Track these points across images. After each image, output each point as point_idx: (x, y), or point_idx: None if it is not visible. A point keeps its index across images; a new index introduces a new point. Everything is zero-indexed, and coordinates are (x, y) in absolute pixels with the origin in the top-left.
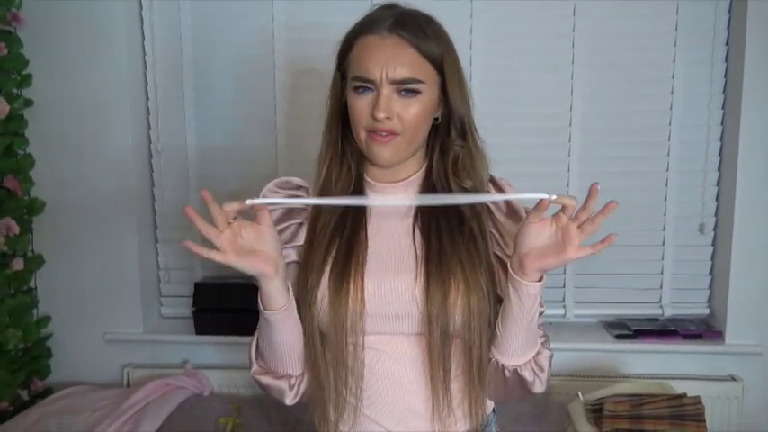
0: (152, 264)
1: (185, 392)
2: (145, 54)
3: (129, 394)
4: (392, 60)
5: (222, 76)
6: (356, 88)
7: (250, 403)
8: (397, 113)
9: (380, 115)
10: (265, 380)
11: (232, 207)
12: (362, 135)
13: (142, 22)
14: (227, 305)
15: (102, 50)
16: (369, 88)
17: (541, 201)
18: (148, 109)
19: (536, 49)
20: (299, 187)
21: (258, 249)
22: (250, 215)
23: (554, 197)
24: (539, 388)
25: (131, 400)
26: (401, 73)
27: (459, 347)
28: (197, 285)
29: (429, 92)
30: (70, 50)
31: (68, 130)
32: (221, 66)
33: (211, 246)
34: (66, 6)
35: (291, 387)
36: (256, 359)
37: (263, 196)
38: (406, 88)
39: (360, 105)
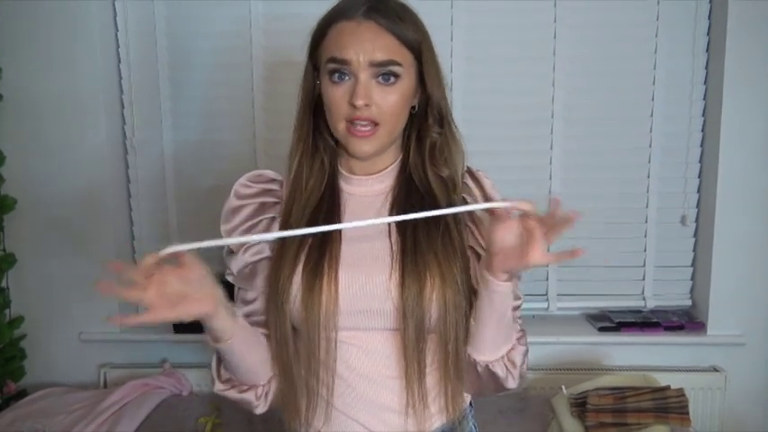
0: (128, 261)
1: (164, 392)
2: (118, 47)
3: (105, 395)
4: (369, 43)
5: (198, 69)
6: (332, 74)
7: (230, 403)
8: (376, 101)
9: (359, 102)
10: (231, 394)
11: (147, 263)
12: (341, 126)
13: (115, 14)
14: None
15: (75, 43)
16: (345, 74)
17: (494, 210)
18: (123, 104)
19: (517, 40)
20: (272, 180)
21: (190, 293)
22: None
23: (509, 205)
24: (511, 384)
25: (108, 401)
26: (379, 56)
27: (434, 342)
28: None
29: (407, 78)
30: (41, 43)
31: (40, 125)
32: (197, 59)
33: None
34: None
35: (259, 397)
36: (218, 376)
37: (235, 191)
38: (384, 72)
39: (337, 94)
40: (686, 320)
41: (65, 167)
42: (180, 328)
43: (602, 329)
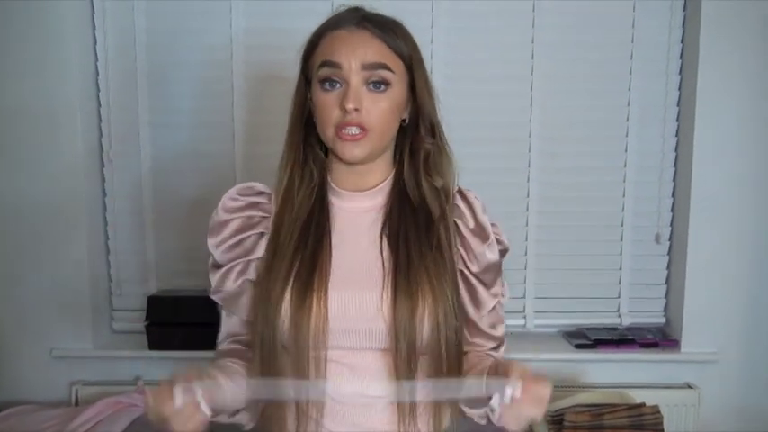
0: (103, 276)
1: (137, 410)
2: (97, 59)
3: (77, 413)
4: (361, 48)
5: (178, 81)
6: (323, 82)
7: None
8: (366, 107)
9: (350, 105)
10: (222, 419)
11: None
12: (330, 132)
13: (94, 26)
14: (181, 319)
15: (51, 54)
16: (336, 81)
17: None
18: (100, 116)
19: (495, 60)
20: (260, 193)
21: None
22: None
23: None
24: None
25: (79, 419)
26: (371, 58)
27: (425, 361)
28: (150, 299)
29: (398, 86)
30: (16, 53)
31: (13, 135)
32: (177, 71)
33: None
34: (12, 6)
35: (249, 417)
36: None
37: (223, 205)
38: (376, 79)
39: (328, 100)
40: (660, 338)
41: (38, 179)
42: (154, 344)
43: (578, 346)
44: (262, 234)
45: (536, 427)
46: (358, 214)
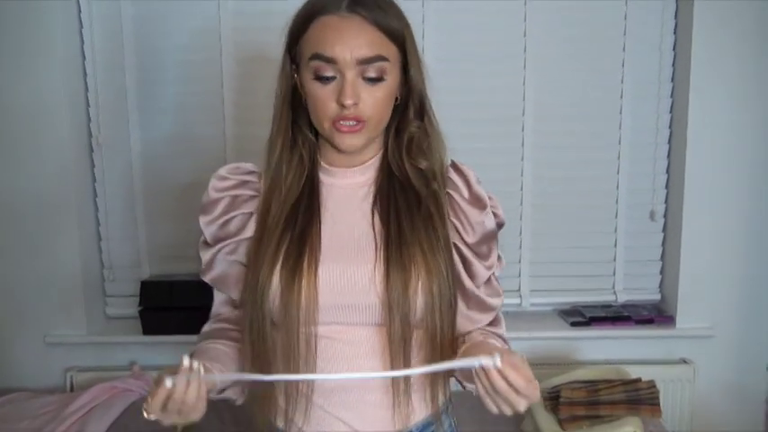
0: (95, 262)
1: (132, 395)
2: (83, 43)
3: (72, 399)
4: (354, 39)
5: (166, 65)
6: (316, 72)
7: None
8: (363, 99)
9: (348, 101)
10: (212, 396)
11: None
12: (327, 125)
13: (80, 10)
14: (175, 303)
15: (37, 39)
16: (332, 77)
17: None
18: (88, 101)
19: (488, 39)
20: (250, 172)
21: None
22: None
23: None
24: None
25: (74, 405)
26: (367, 52)
27: (419, 335)
28: (143, 284)
29: (393, 73)
30: (2, 40)
31: (1, 121)
32: (165, 54)
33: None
34: None
35: (238, 392)
36: None
37: (213, 184)
38: (371, 74)
39: (323, 95)
40: (656, 314)
41: (28, 166)
42: (149, 329)
43: (574, 324)
44: (251, 214)
45: (532, 404)
46: (349, 190)
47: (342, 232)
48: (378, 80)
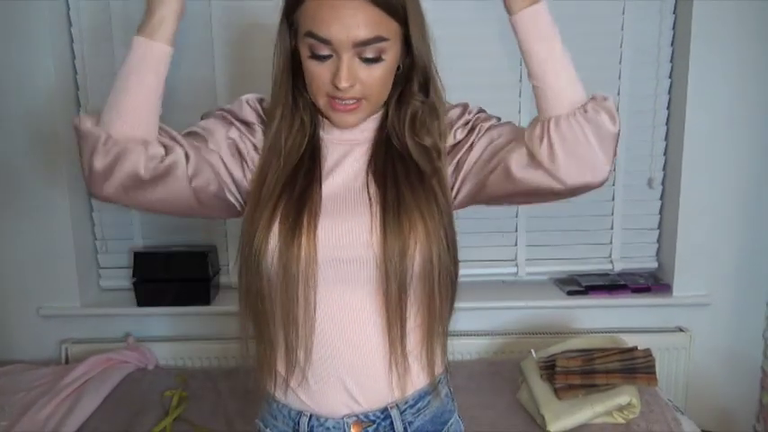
0: (87, 234)
1: (128, 367)
2: (69, 9)
3: (67, 371)
4: (352, 19)
5: None
6: (313, 55)
7: (197, 375)
8: (361, 79)
9: (343, 84)
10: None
11: None
12: (322, 101)
13: None
14: (168, 275)
15: (23, 7)
16: (327, 55)
17: None
18: (75, 69)
19: (483, 2)
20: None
21: None
22: None
23: None
24: (612, 124)
25: (70, 377)
26: (364, 34)
27: (416, 299)
28: (136, 255)
29: (393, 50)
30: None
31: None
32: None
33: None
34: None
35: (150, 157)
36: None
37: (247, 101)
38: (368, 55)
39: (318, 72)
40: (652, 282)
41: (16, 140)
42: (142, 300)
43: (570, 293)
44: (255, 147)
45: (528, 372)
46: (348, 145)
47: (339, 188)
48: (376, 60)
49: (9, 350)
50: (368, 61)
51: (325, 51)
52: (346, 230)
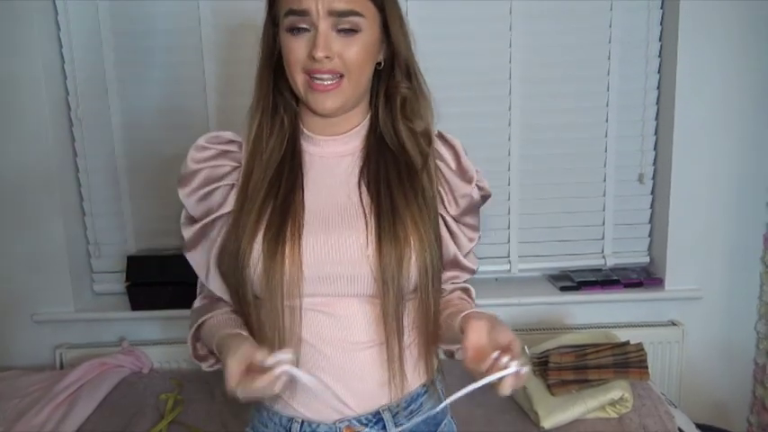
0: (80, 238)
1: (123, 371)
2: (57, 14)
3: (62, 376)
4: None
5: (145, 34)
6: (291, 29)
7: (192, 378)
8: (338, 53)
9: (320, 54)
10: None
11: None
12: (300, 79)
13: None
14: (162, 278)
15: (12, 12)
16: (305, 28)
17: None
18: (65, 73)
19: (473, 1)
20: (231, 141)
21: None
22: None
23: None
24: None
25: (64, 382)
26: (339, 5)
27: (412, 307)
28: (130, 259)
29: (370, 30)
30: None
31: None
32: (143, 24)
33: None
34: None
35: None
36: (198, 357)
37: (191, 156)
38: (344, 26)
39: (295, 45)
40: (644, 277)
41: (6, 145)
42: (136, 304)
43: (563, 289)
44: (232, 186)
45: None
46: (333, 159)
47: (325, 203)
48: (352, 31)
49: (3, 356)
50: (344, 32)
51: (302, 24)
52: (337, 248)
